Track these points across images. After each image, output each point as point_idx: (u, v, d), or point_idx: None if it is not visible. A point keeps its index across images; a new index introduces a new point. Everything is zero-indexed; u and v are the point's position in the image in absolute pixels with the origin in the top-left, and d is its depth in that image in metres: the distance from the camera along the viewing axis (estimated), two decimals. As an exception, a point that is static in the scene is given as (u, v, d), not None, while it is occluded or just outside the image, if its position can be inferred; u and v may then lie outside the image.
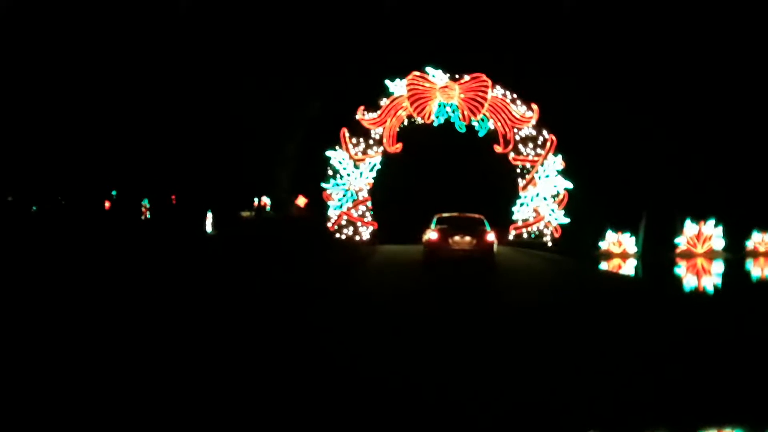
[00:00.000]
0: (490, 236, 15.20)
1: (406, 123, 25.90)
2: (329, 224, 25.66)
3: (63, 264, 15.38)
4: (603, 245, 23.65)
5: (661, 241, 23.59)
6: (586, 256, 22.39)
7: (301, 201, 25.82)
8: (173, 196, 32.31)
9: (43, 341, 7.44)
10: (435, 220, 16.28)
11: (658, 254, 22.82)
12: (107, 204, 36.22)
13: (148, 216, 33.29)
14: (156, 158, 29.05)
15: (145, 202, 33.72)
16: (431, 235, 15.37)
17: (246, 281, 13.46)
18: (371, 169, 25.67)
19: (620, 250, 23.29)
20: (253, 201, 28.25)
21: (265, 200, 29.65)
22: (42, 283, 12.26)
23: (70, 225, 27.17)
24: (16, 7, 28.65)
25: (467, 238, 14.92)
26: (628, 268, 20.68)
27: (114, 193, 35.36)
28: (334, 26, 26.74)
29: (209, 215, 29.59)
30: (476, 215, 16.57)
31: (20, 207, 33.83)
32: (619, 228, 23.61)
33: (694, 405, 5.29)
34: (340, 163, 25.58)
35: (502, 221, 25.41)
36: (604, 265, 21.16)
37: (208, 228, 29.64)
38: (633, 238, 23.54)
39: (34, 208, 38.93)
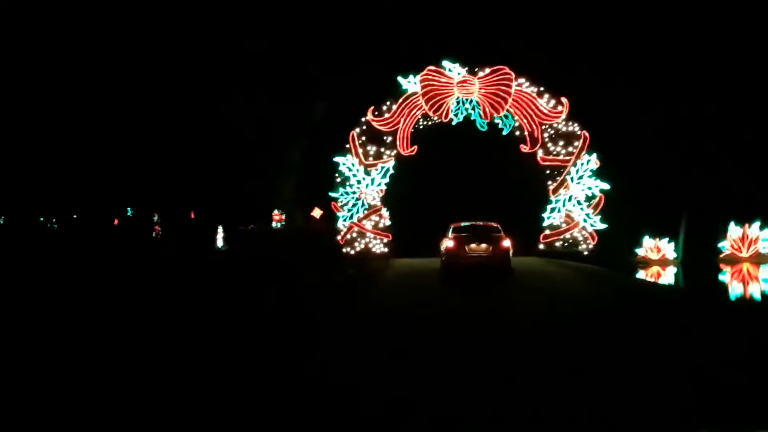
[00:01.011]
0: (506, 243, 15.33)
1: (421, 123, 23.51)
2: (339, 237, 23.33)
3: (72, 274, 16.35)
4: (640, 252, 22.03)
5: (703, 245, 22.13)
6: (622, 265, 20.32)
7: (317, 213, 23.56)
8: (191, 212, 31.00)
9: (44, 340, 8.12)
10: (451, 228, 16.54)
11: (700, 260, 21.43)
12: (116, 221, 35.76)
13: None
14: (162, 174, 27.27)
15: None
16: (448, 243, 15.66)
17: (234, 308, 11.21)
18: (384, 175, 23.29)
19: (658, 256, 21.67)
20: (269, 215, 26.12)
21: (280, 213, 27.65)
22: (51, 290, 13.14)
23: (85, 240, 28.08)
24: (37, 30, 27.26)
25: (483, 246, 15.18)
26: (669, 276, 19.10)
27: (129, 211, 34.97)
28: (339, 21, 24.48)
29: (220, 230, 27.97)
30: (492, 223, 16.63)
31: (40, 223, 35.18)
32: (656, 233, 21.95)
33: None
34: (350, 169, 23.27)
35: (531, 229, 22.85)
36: (641, 274, 19.25)
37: (219, 242, 28.11)
38: (672, 244, 21.85)
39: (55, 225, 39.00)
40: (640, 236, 22.22)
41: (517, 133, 23.23)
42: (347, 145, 23.32)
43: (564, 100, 22.76)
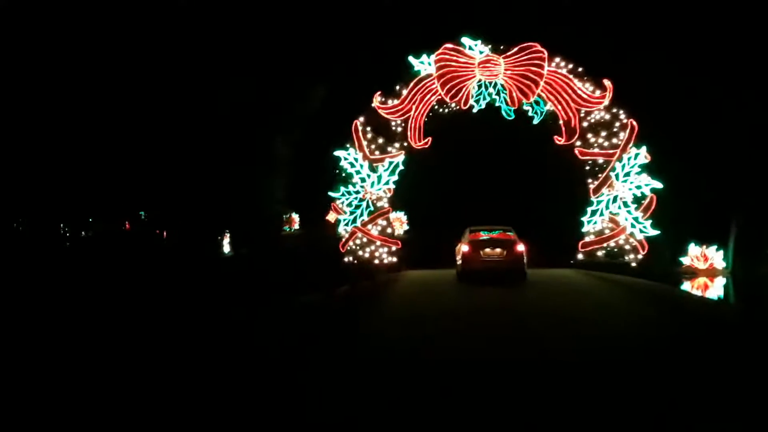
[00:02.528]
0: (520, 247, 15.61)
1: (436, 111, 20.01)
2: (340, 244, 19.87)
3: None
4: (685, 261, 19.35)
5: (753, 254, 19.46)
6: (665, 275, 17.40)
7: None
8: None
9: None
10: (467, 232, 16.49)
11: (752, 270, 18.88)
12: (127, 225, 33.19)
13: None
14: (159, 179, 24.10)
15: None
16: (463, 248, 15.92)
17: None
18: (392, 172, 19.78)
19: (705, 266, 19.25)
20: (282, 218, 22.71)
21: (294, 217, 24.29)
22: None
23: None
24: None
25: (498, 250, 15.58)
26: (717, 288, 16.90)
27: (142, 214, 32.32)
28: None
29: (227, 235, 24.99)
30: (506, 227, 16.57)
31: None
32: (703, 240, 19.35)
33: None
34: (352, 164, 19.80)
35: (568, 236, 19.18)
36: (687, 286, 16.98)
37: (226, 248, 25.17)
38: (720, 252, 19.35)
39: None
40: (684, 243, 19.28)
41: (551, 122, 19.62)
42: (349, 137, 19.88)
43: (607, 82, 19.11)
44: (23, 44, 24.22)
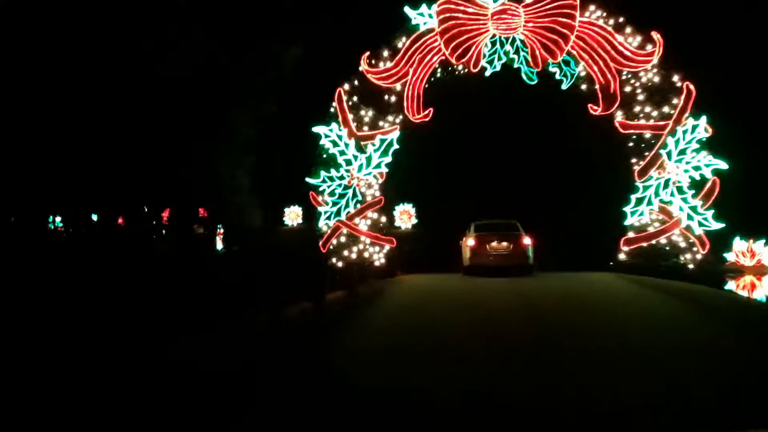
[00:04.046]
0: (526, 240, 15.39)
1: (439, 75, 16.08)
2: (321, 242, 16.05)
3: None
4: (730, 257, 16.49)
5: None
6: (709, 274, 14.54)
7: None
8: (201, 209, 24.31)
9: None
10: (472, 227, 16.08)
11: None
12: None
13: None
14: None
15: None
16: (469, 242, 15.71)
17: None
18: (385, 152, 15.86)
19: (752, 262, 16.59)
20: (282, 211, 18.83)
21: (297, 210, 20.43)
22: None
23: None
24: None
25: (504, 244, 15.49)
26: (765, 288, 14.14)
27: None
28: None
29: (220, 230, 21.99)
30: (511, 221, 16.09)
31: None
32: (750, 233, 16.51)
33: None
34: (335, 143, 15.92)
35: (607, 231, 15.24)
36: (731, 285, 14.29)
37: (219, 245, 22.36)
38: None
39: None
40: (729, 236, 16.18)
41: (584, 86, 15.64)
42: (332, 110, 16.00)
43: (656, 36, 15.04)
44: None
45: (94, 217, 24.79)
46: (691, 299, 10.99)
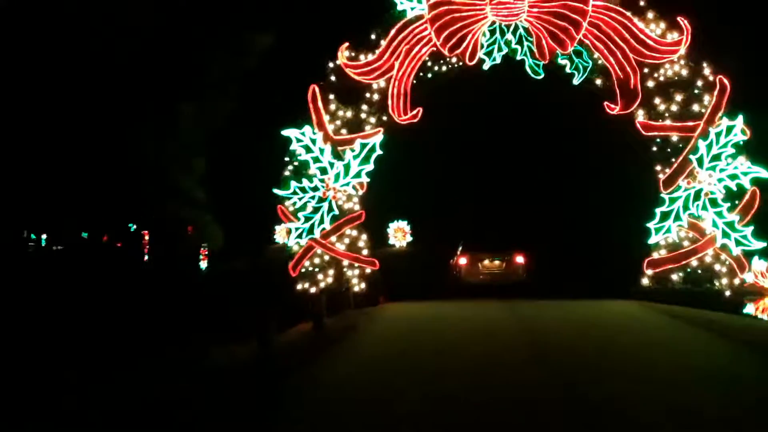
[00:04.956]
0: (519, 258, 15.20)
1: (429, 69, 13.84)
2: (291, 264, 13.72)
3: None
4: (748, 278, 12.52)
5: None
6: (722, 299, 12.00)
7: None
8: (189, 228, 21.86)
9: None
10: (464, 246, 15.94)
11: None
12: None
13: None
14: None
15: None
16: (461, 260, 15.64)
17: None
18: (366, 159, 13.56)
19: None
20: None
21: (291, 226, 17.95)
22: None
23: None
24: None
25: (497, 262, 15.34)
26: None
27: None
28: None
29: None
30: (505, 239, 15.63)
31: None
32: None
33: None
34: (309, 149, 13.63)
35: (626, 252, 12.97)
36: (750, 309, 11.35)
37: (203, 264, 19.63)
38: None
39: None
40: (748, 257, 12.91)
41: (599, 81, 13.41)
42: (304, 109, 13.73)
43: (683, 22, 12.83)
44: None
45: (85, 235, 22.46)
46: (745, 341, 8.68)
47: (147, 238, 20.97)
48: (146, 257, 19.44)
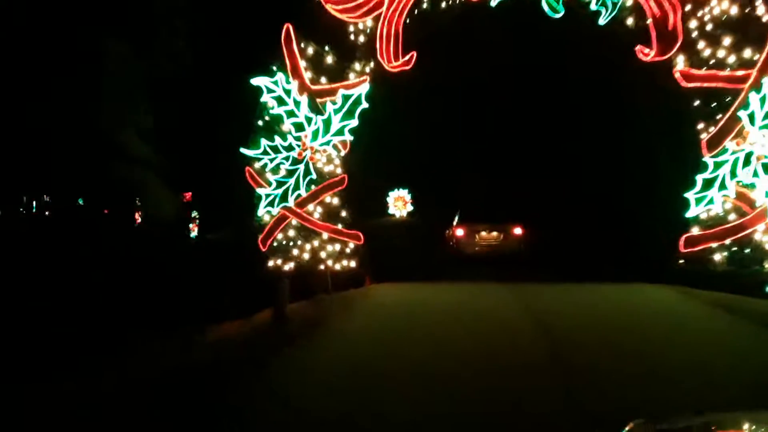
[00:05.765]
0: (517, 230, 15.06)
1: (425, 4, 11.59)
2: (260, 238, 11.66)
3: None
4: None
5: None
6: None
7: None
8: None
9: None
10: (460, 215, 15.69)
11: None
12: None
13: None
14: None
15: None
16: (458, 231, 15.41)
17: None
18: (349, 114, 11.40)
19: None
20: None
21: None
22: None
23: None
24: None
25: (494, 234, 15.18)
26: None
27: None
28: None
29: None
30: (503, 208, 15.48)
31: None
32: None
33: None
34: (282, 101, 11.46)
35: (662, 225, 10.94)
36: None
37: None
38: None
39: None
40: None
41: (630, 21, 11.16)
42: (277, 54, 11.53)
43: (734, -52, 10.57)
44: None
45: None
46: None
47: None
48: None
